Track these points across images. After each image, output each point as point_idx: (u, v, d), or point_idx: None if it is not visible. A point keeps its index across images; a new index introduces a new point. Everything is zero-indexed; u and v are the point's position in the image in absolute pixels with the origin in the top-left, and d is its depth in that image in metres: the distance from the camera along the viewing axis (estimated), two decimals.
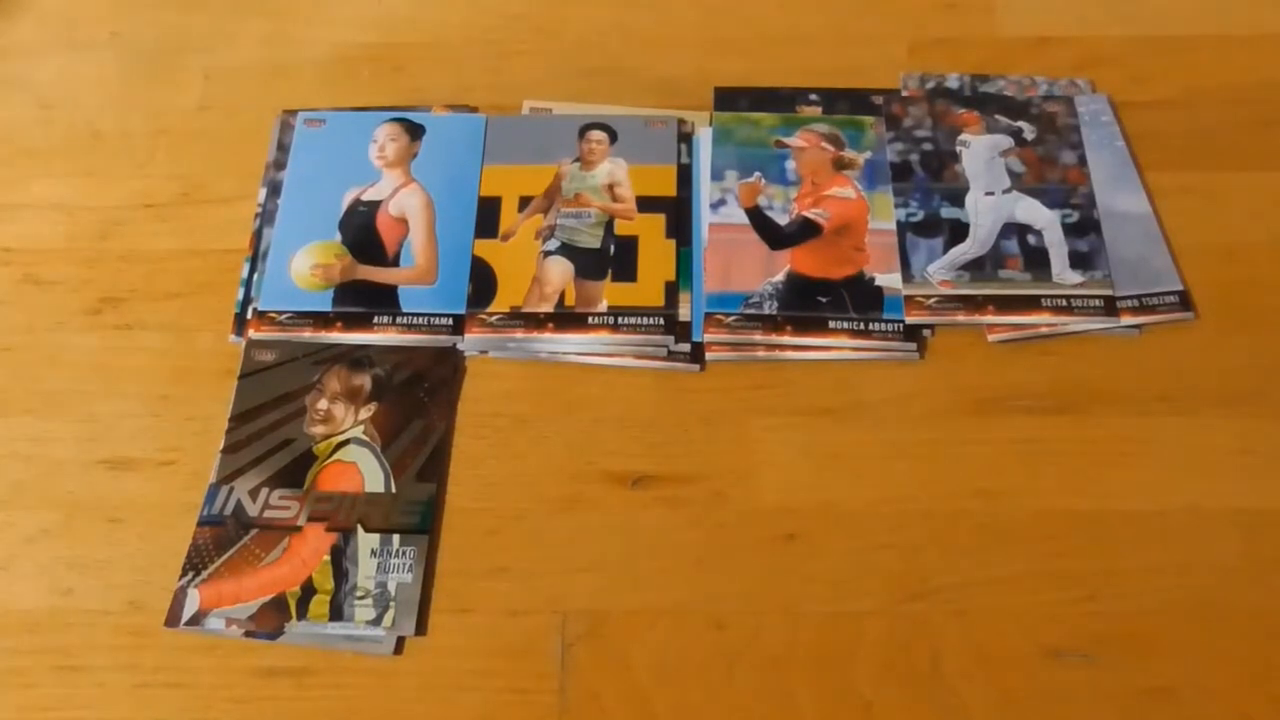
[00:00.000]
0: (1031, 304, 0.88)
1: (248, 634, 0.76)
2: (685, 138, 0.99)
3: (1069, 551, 0.79)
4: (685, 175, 0.97)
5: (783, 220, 0.93)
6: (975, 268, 0.91)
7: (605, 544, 0.80)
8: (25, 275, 0.94)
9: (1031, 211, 0.93)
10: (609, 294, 0.90)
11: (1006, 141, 0.97)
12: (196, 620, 0.77)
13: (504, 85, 1.03)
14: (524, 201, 0.95)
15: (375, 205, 0.95)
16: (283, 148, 0.99)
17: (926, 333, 0.89)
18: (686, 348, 0.88)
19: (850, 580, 0.78)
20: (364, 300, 0.90)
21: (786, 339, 0.88)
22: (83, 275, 0.93)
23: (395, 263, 0.92)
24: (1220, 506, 0.80)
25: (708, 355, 0.88)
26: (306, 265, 0.92)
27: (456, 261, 0.92)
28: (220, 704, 0.75)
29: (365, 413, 0.85)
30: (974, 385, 0.86)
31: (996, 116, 0.99)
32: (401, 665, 0.76)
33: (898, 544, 0.79)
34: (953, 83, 1.02)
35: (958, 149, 0.97)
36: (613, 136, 0.98)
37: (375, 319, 0.89)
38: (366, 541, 0.80)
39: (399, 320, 0.89)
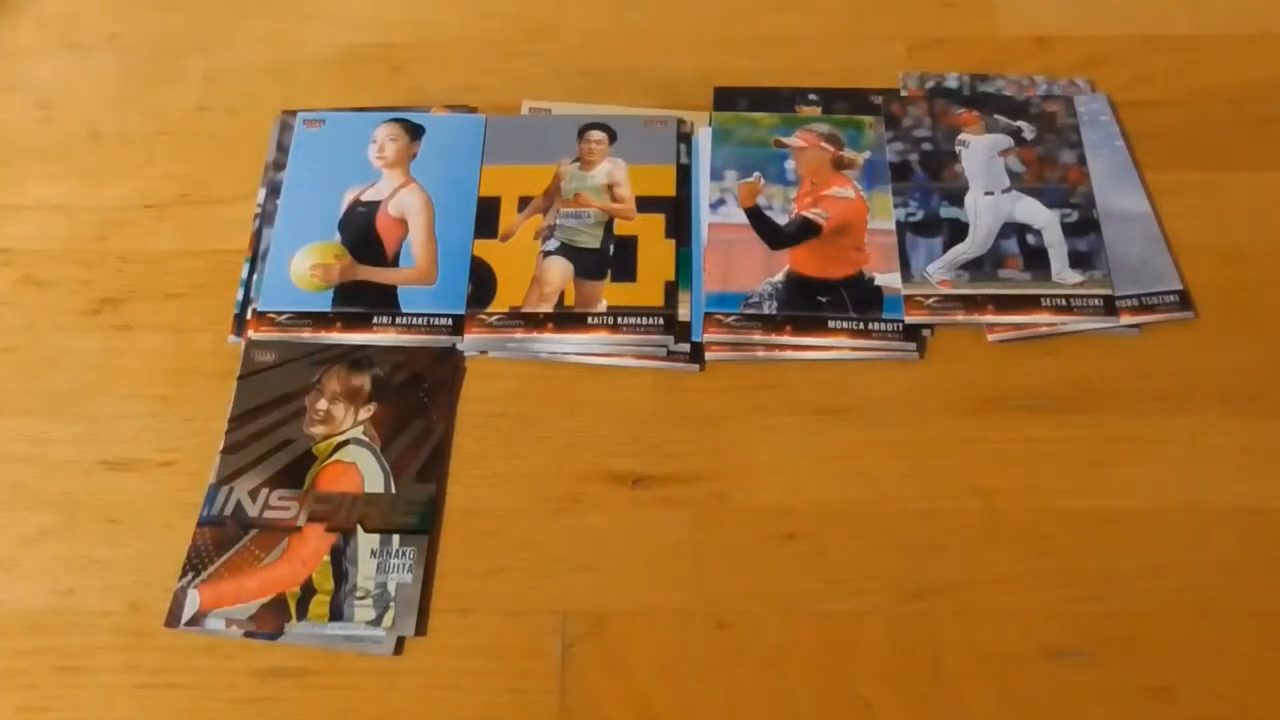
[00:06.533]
0: (1031, 304, 0.88)
1: (248, 634, 0.76)
2: (685, 138, 0.99)
3: (1069, 551, 0.79)
4: (685, 175, 0.97)
5: (782, 220, 0.93)
6: (975, 267, 0.91)
7: (605, 544, 0.80)
8: (25, 275, 0.94)
9: (1031, 211, 0.93)
10: (608, 294, 0.90)
11: (1006, 141, 0.97)
12: (196, 621, 0.77)
13: (504, 85, 1.03)
14: (523, 201, 0.95)
15: (375, 205, 0.95)
16: (282, 148, 0.99)
17: (926, 332, 0.89)
18: (686, 348, 0.88)
19: (850, 580, 0.78)
20: (363, 300, 0.90)
21: (786, 339, 0.88)
22: (82, 276, 0.93)
23: (395, 263, 0.92)
24: (1220, 506, 0.80)
25: (707, 355, 0.88)
26: (306, 265, 0.92)
27: (456, 262, 0.92)
28: (220, 704, 0.75)
29: (365, 413, 0.85)
30: (974, 385, 0.86)
31: (996, 116, 0.99)
32: (401, 665, 0.76)
33: (898, 544, 0.79)
34: (952, 82, 1.02)
35: (957, 149, 0.97)
36: (612, 136, 0.98)
37: (375, 319, 0.89)
38: (366, 542, 0.80)
39: (399, 320, 0.89)
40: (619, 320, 0.88)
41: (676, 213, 0.94)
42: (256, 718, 0.74)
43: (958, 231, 0.92)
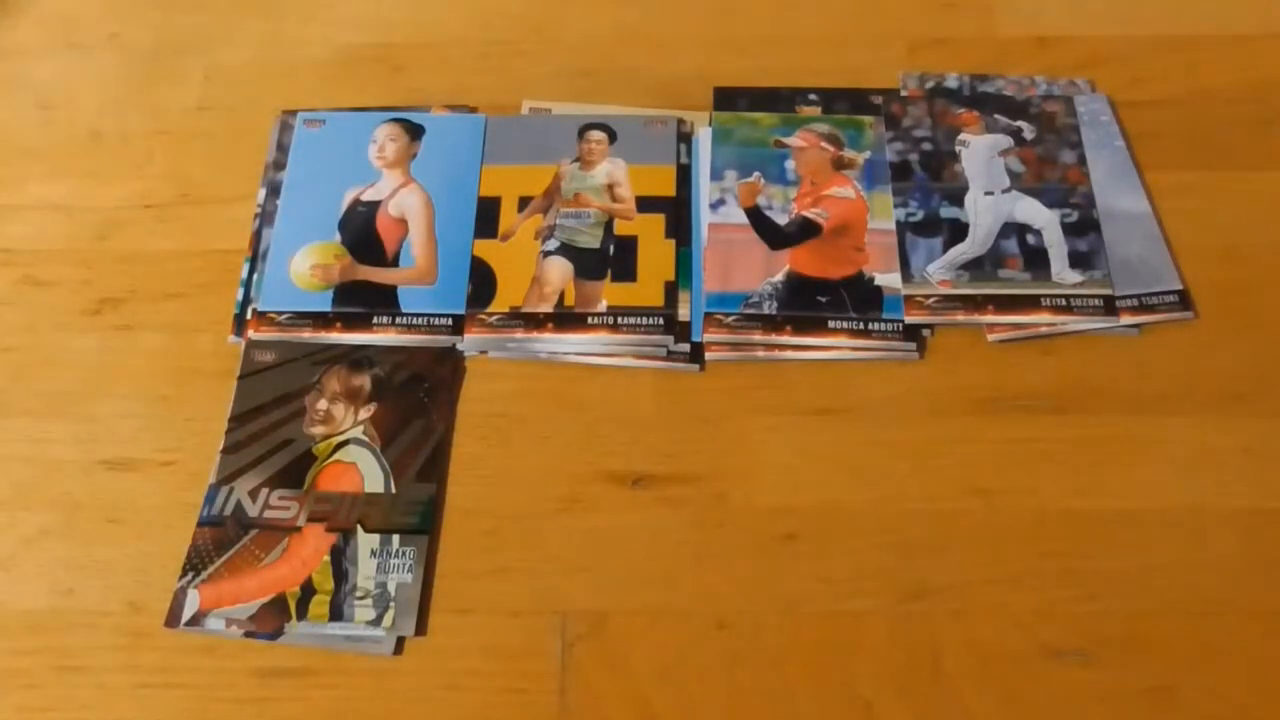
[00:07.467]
0: (1031, 304, 0.88)
1: (248, 634, 0.76)
2: (685, 138, 0.99)
3: (1069, 551, 0.79)
4: (685, 175, 0.97)
5: (782, 220, 0.93)
6: (975, 267, 0.91)
7: (605, 544, 0.80)
8: (25, 275, 0.94)
9: (1031, 211, 0.93)
10: (608, 294, 0.90)
11: (1006, 141, 0.97)
12: (196, 620, 0.77)
13: (504, 85, 1.03)
14: (523, 201, 0.95)
15: (375, 205, 0.95)
16: (282, 148, 0.99)
17: (926, 332, 0.89)
18: (686, 348, 0.88)
19: (850, 580, 0.78)
20: (364, 300, 0.90)
21: (786, 339, 0.88)
22: (82, 276, 0.94)
23: (395, 263, 0.92)
24: (1220, 506, 0.80)
25: (707, 355, 0.88)
26: (306, 265, 0.92)
27: (456, 261, 0.92)
28: (220, 704, 0.75)
29: (365, 413, 0.85)
30: (974, 385, 0.86)
31: (996, 116, 0.99)
32: (401, 665, 0.76)
33: (898, 544, 0.79)
34: (952, 82, 1.02)
35: (957, 149, 0.97)
36: (612, 136, 0.98)
37: (375, 319, 0.89)
38: (366, 542, 0.80)
39: (399, 320, 0.89)
40: (619, 320, 0.88)
41: (676, 213, 0.94)
42: (256, 718, 0.74)
43: (958, 231, 0.92)
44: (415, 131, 0.99)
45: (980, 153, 0.97)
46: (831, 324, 0.88)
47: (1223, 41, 1.05)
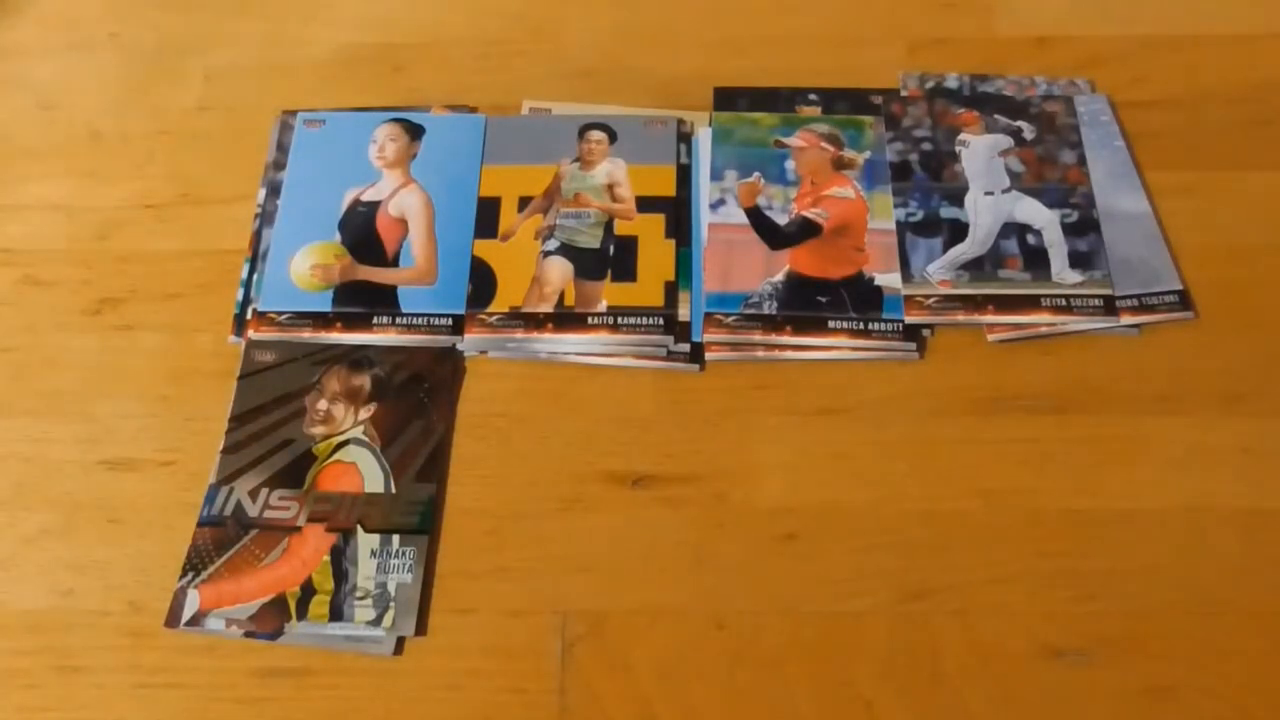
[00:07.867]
0: (1031, 304, 0.88)
1: (248, 634, 0.76)
2: (685, 138, 0.99)
3: (1069, 551, 0.79)
4: (685, 175, 0.97)
5: (782, 220, 0.93)
6: (975, 267, 0.91)
7: (605, 544, 0.80)
8: (25, 275, 0.94)
9: (1031, 211, 0.93)
10: (608, 294, 0.90)
11: (1006, 141, 0.97)
12: (196, 621, 0.77)
13: (504, 85, 1.03)
14: (523, 201, 0.95)
15: (375, 205, 0.95)
16: (282, 148, 0.99)
17: (926, 332, 0.89)
18: (686, 348, 0.88)
19: (850, 580, 0.78)
20: (364, 300, 0.90)
21: (786, 339, 0.88)
22: (82, 276, 0.94)
23: (395, 263, 0.92)
24: (1220, 506, 0.80)
25: (707, 355, 0.88)
26: (306, 266, 0.92)
27: (456, 262, 0.92)
28: (220, 704, 0.75)
29: (365, 413, 0.85)
30: (974, 385, 0.86)
31: (996, 116, 0.99)
32: (401, 665, 0.76)
33: (898, 544, 0.79)
34: (952, 82, 1.02)
35: (957, 149, 0.97)
36: (612, 136, 0.98)
37: (375, 319, 0.89)
38: (366, 542, 0.80)
39: (399, 321, 0.89)
40: (619, 320, 0.88)
41: (676, 213, 0.94)
42: (256, 718, 0.74)
43: (958, 231, 0.92)
44: (415, 131, 0.99)
45: (980, 153, 0.97)
46: (831, 324, 0.88)
47: (1223, 41, 1.05)
